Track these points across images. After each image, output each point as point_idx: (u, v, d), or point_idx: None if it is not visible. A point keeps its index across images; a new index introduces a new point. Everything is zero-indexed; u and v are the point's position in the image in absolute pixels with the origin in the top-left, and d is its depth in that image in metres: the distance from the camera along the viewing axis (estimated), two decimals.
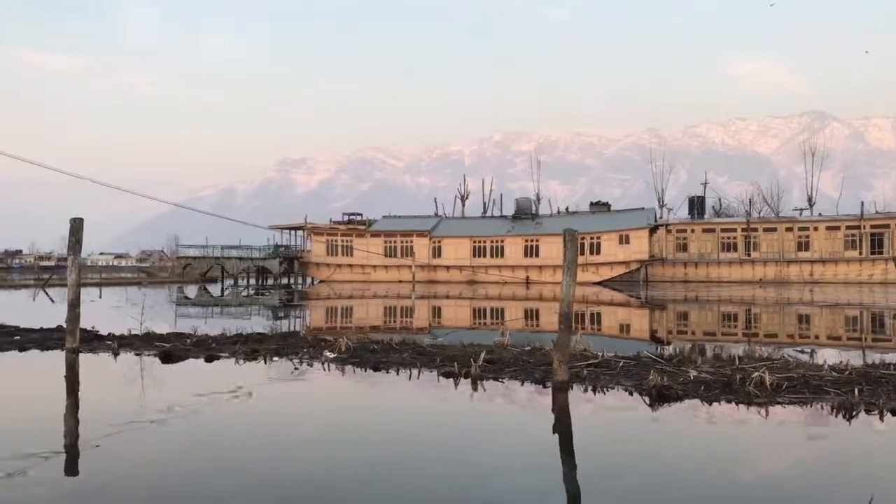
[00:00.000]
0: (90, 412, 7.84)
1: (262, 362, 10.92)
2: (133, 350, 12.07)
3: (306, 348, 11.75)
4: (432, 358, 10.36)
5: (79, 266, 12.28)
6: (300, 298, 40.79)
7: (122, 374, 10.13)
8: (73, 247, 12.27)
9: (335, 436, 6.87)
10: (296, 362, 10.79)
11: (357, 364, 10.41)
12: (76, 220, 12.40)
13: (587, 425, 7.18)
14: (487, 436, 6.83)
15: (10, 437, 6.66)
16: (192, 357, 11.32)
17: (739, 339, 17.13)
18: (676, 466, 5.84)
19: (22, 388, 9.68)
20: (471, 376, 9.16)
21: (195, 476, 5.54)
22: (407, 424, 7.31)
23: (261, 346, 11.86)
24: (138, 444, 6.41)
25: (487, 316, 26.43)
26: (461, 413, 7.78)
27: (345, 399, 8.66)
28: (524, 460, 5.94)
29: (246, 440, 6.63)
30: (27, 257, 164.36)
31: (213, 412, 7.85)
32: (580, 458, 5.99)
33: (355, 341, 11.56)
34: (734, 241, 66.03)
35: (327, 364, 10.52)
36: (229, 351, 11.68)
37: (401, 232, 64.82)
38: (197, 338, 12.65)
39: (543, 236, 61.12)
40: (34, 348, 12.55)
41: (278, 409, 8.07)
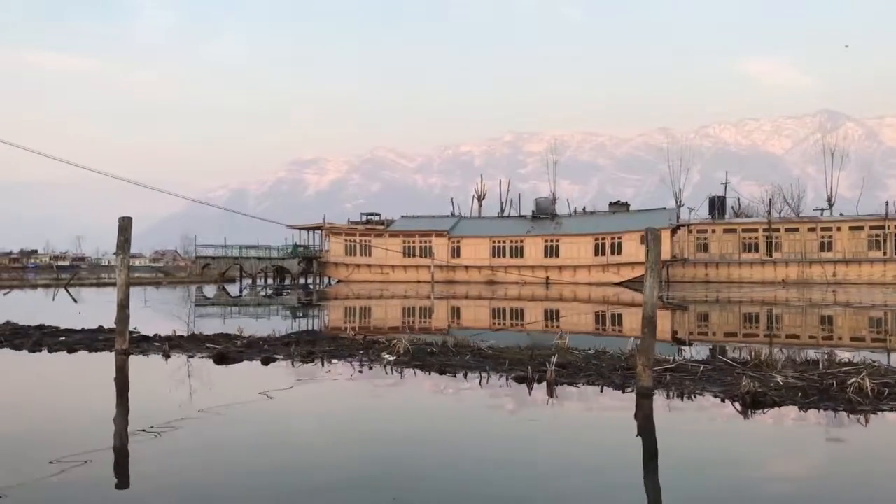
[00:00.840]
0: (160, 416, 7.56)
1: (320, 364, 10.62)
2: (184, 352, 11.81)
3: (361, 350, 11.46)
4: (499, 361, 10.02)
5: (128, 266, 12.03)
6: (319, 298, 40.61)
7: (182, 375, 9.84)
8: (121, 245, 12.02)
9: (420, 442, 6.57)
10: (355, 365, 10.49)
11: (420, 367, 10.09)
12: (125, 219, 12.16)
13: (678, 433, 6.85)
14: (571, 444, 6.53)
15: (72, 443, 6.39)
16: (247, 359, 11.03)
17: (783, 341, 16.72)
18: (788, 481, 5.49)
19: (80, 391, 9.41)
20: (545, 381, 8.82)
21: (281, 481, 5.27)
22: (488, 432, 7.01)
23: (315, 348, 11.56)
24: (210, 447, 6.12)
25: (509, 316, 26.05)
26: (541, 421, 7.44)
27: (422, 405, 8.33)
28: (613, 475, 5.62)
29: (336, 448, 6.34)
30: (42, 257, 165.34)
31: (291, 415, 7.57)
32: (673, 471, 5.68)
33: (412, 343, 11.23)
34: (755, 242, 65.43)
35: (389, 367, 10.21)
36: (283, 353, 11.39)
37: (419, 232, 64.50)
38: (247, 339, 12.37)
39: (564, 236, 60.66)
40: (83, 349, 12.32)
41: (359, 414, 7.78)
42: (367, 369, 10.22)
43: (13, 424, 7.32)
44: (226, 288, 54.79)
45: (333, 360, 10.87)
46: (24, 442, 6.56)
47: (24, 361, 11.61)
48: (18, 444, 6.50)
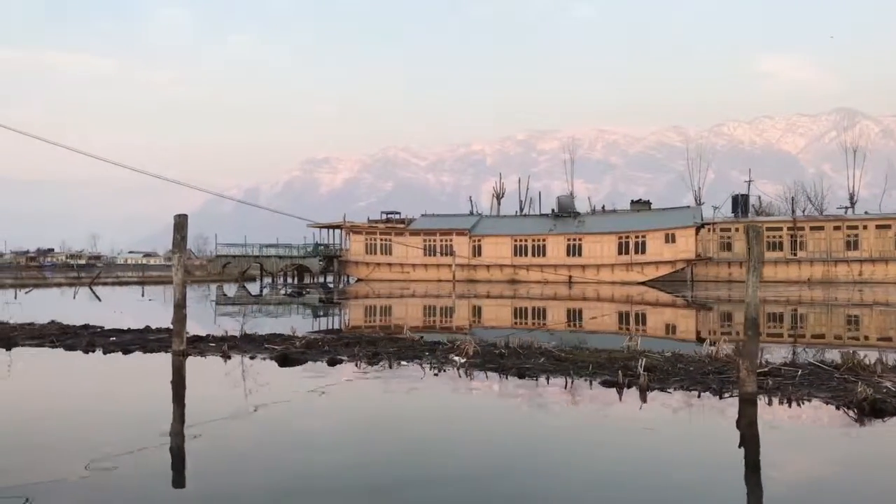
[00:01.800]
0: (239, 423, 7.22)
1: (388, 367, 10.26)
2: (242, 353, 11.48)
3: (427, 351, 11.09)
4: (577, 365, 9.62)
5: (184, 264, 11.72)
6: (340, 297, 40.38)
7: (249, 378, 9.49)
8: (178, 244, 11.72)
9: (524, 453, 6.18)
10: (425, 367, 10.12)
11: (495, 370, 9.70)
12: (181, 217, 11.85)
13: (790, 443, 6.44)
14: (676, 456, 6.15)
15: (130, 446, 6.05)
16: (311, 360, 10.69)
17: (831, 342, 16.20)
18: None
19: (141, 392, 9.04)
20: (638, 387, 8.41)
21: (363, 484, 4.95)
22: (587, 441, 6.64)
23: (378, 349, 11.21)
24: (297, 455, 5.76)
25: (538, 316, 25.55)
26: (641, 430, 7.04)
27: (512, 410, 7.92)
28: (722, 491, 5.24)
29: (435, 458, 5.97)
30: (58, 256, 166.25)
31: (378, 420, 7.21)
32: (785, 487, 5.28)
33: (481, 345, 10.85)
34: (780, 241, 64.64)
35: (462, 370, 9.83)
36: (347, 354, 11.04)
37: (440, 230, 64.12)
38: (305, 340, 12.02)
39: (587, 235, 60.12)
40: (137, 350, 12.01)
41: (451, 422, 7.40)
42: (437, 371, 9.85)
43: (74, 424, 7.03)
44: (246, 287, 54.66)
45: (402, 361, 10.50)
46: (84, 442, 6.31)
47: (80, 362, 11.31)
48: (80, 444, 6.26)
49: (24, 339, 13.04)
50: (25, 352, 12.20)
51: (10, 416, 7.56)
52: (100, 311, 24.93)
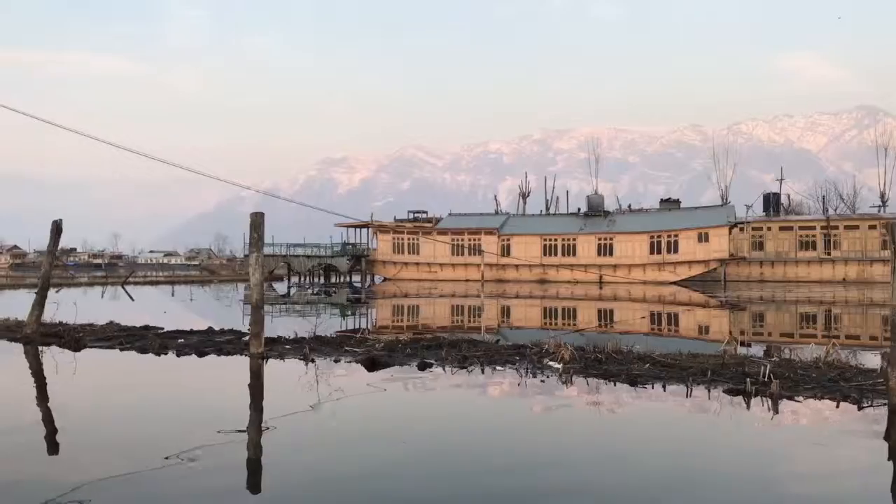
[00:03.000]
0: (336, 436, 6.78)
1: (480, 371, 9.81)
2: (322, 355, 11.06)
3: (516, 356, 10.63)
4: (691, 371, 9.10)
5: (262, 263, 11.34)
6: (368, 297, 40.09)
7: (340, 384, 9.06)
8: (255, 243, 11.34)
9: (671, 473, 5.71)
10: (521, 372, 9.66)
11: (600, 376, 9.21)
12: (257, 215, 11.49)
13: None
14: (826, 470, 5.68)
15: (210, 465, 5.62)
16: (398, 364, 10.25)
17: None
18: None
19: (229, 397, 8.63)
20: (768, 395, 7.89)
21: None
22: (739, 455, 6.16)
23: (466, 353, 10.76)
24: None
25: (564, 317, 24.93)
26: (779, 442, 6.54)
27: (639, 422, 7.43)
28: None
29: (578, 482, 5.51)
30: (81, 255, 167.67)
31: (493, 434, 6.76)
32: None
33: (575, 349, 10.36)
34: (813, 240, 63.57)
35: (563, 376, 9.35)
36: (434, 357, 10.60)
37: (468, 230, 63.62)
38: (384, 342, 11.59)
39: (618, 234, 59.41)
40: (212, 353, 11.63)
41: (576, 436, 6.92)
42: (533, 377, 9.37)
43: (155, 429, 6.63)
44: (273, 286, 54.54)
45: (496, 367, 10.04)
46: (168, 447, 5.95)
47: (156, 365, 10.95)
48: (160, 450, 5.88)
49: (92, 340, 12.71)
50: (96, 354, 11.87)
51: (102, 416, 7.20)
52: (142, 311, 24.67)
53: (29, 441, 6.43)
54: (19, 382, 9.69)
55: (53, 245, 13.83)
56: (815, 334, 18.56)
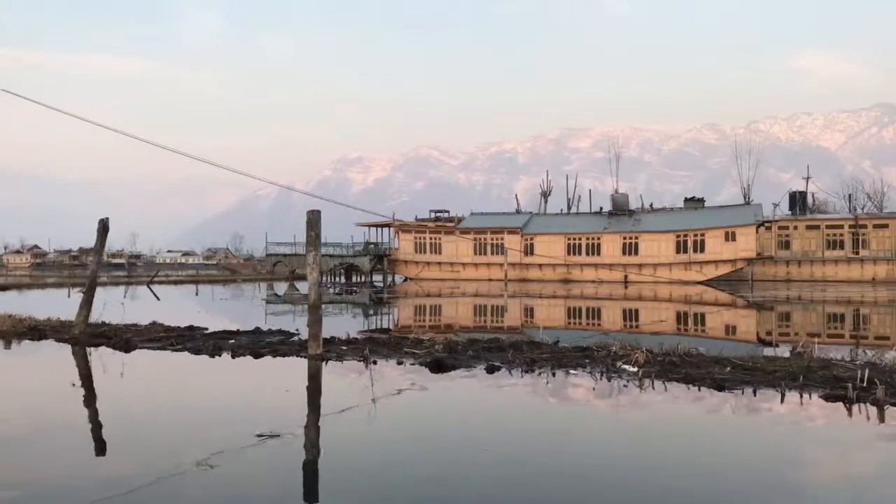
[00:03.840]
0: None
1: (551, 374, 9.44)
2: (382, 357, 10.74)
3: (585, 359, 10.26)
4: (778, 375, 8.70)
5: (319, 263, 11.04)
6: (390, 296, 39.86)
7: (413, 390, 8.74)
8: (312, 241, 11.04)
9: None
10: (596, 376, 9.29)
11: (681, 381, 8.82)
12: (314, 213, 11.19)
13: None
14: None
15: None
16: (464, 367, 9.91)
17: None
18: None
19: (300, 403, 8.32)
20: (872, 402, 7.48)
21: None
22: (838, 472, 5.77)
23: (532, 355, 10.40)
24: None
25: (590, 317, 24.43)
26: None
27: (735, 432, 7.06)
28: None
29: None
30: None
31: (586, 445, 6.39)
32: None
33: (652, 352, 9.97)
34: (840, 239, 62.61)
35: (643, 380, 8.97)
36: (498, 359, 10.25)
37: (491, 229, 63.16)
38: (443, 343, 11.25)
39: (643, 233, 58.76)
40: (268, 354, 11.34)
41: (675, 446, 6.55)
42: (608, 381, 9.00)
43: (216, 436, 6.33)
44: (295, 285, 54.44)
45: (568, 370, 9.67)
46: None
47: (214, 366, 10.67)
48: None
49: (142, 341, 12.47)
50: (149, 355, 11.61)
51: (169, 419, 6.91)
52: (174, 311, 24.48)
53: (89, 443, 6.16)
54: (78, 384, 9.44)
55: (100, 244, 13.61)
56: (867, 335, 18.03)
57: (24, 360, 11.98)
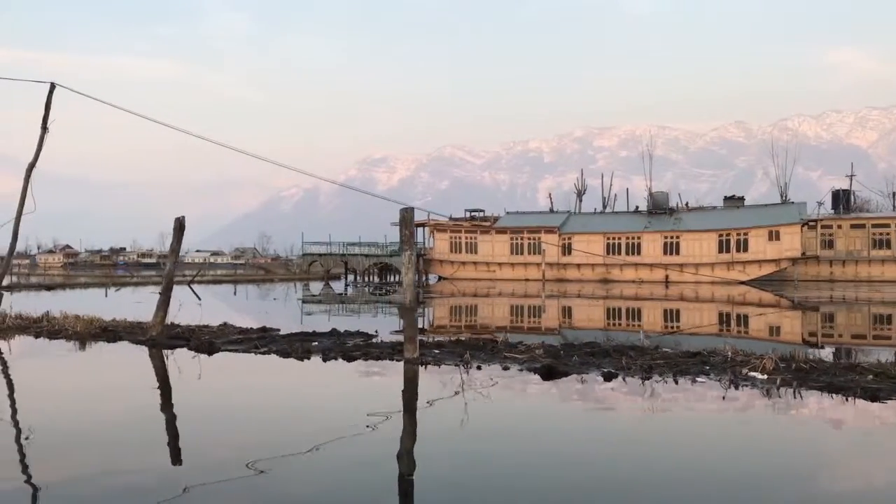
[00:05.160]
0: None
1: (672, 381, 8.85)
2: (482, 362, 10.21)
3: (704, 364, 9.64)
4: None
5: (415, 262, 10.54)
6: (425, 296, 39.47)
7: (529, 401, 8.19)
8: (407, 240, 10.56)
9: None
10: (724, 383, 8.67)
11: (825, 389, 8.18)
12: (408, 210, 10.70)
13: None
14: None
15: None
16: (575, 373, 9.35)
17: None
18: None
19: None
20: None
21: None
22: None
23: (644, 361, 9.81)
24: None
25: (629, 318, 23.71)
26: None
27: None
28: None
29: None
30: (130, 254, 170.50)
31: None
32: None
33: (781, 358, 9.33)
34: (887, 238, 61.05)
35: (780, 388, 8.34)
36: (609, 365, 9.68)
37: (528, 228, 62.44)
38: (544, 348, 10.70)
39: (684, 232, 57.74)
40: (360, 358, 10.85)
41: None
42: (736, 389, 8.39)
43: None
44: (330, 284, 54.29)
45: (695, 377, 9.06)
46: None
47: (306, 371, 10.22)
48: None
49: (224, 343, 12.06)
50: (235, 358, 11.18)
51: (278, 428, 6.43)
52: (224, 311, 24.19)
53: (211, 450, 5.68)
54: (168, 389, 9.03)
55: (177, 243, 13.25)
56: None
57: (113, 362, 11.56)
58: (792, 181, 72.63)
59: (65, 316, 15.55)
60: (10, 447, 6.04)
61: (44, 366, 11.22)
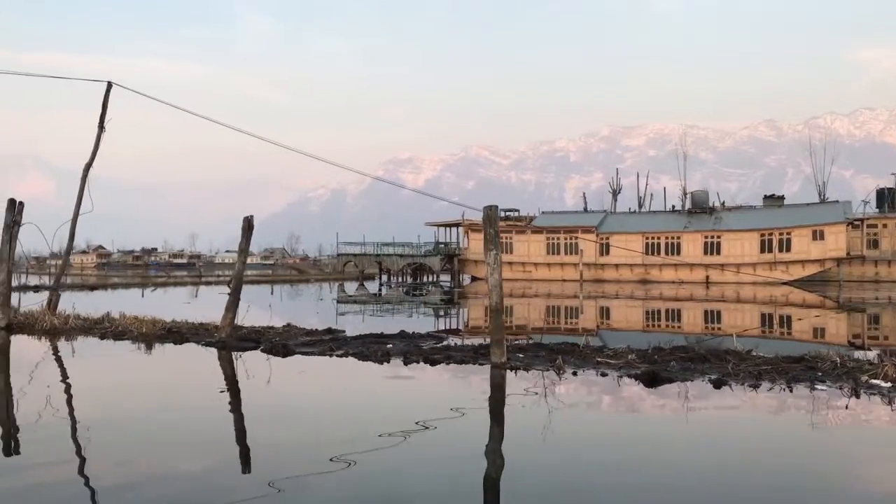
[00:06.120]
0: None
1: (788, 390, 8.31)
2: (573, 367, 9.74)
3: (814, 370, 9.08)
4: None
5: (500, 263, 10.11)
6: (460, 296, 39.07)
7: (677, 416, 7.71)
8: (491, 239, 10.14)
9: None
10: (845, 391, 8.11)
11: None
12: (492, 209, 10.30)
13: None
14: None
15: None
16: (679, 380, 8.84)
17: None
18: None
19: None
20: None
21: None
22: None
23: (747, 367, 9.27)
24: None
25: (669, 319, 22.94)
26: None
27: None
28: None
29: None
30: (161, 255, 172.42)
31: None
32: None
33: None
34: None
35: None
36: (712, 371, 9.15)
37: (564, 228, 61.70)
38: (637, 353, 10.19)
39: (725, 232, 56.67)
40: (442, 362, 10.43)
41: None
42: (857, 398, 7.83)
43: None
44: (364, 285, 54.13)
45: (814, 385, 8.50)
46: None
47: (390, 374, 9.81)
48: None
49: (298, 346, 11.73)
50: (312, 361, 10.82)
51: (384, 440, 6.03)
52: (275, 311, 23.94)
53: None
54: (255, 390, 8.67)
55: (245, 243, 12.99)
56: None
57: (189, 364, 11.26)
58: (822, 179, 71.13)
59: (123, 317, 15.35)
60: (118, 446, 6.09)
61: (123, 367, 10.99)
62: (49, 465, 5.45)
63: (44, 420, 6.98)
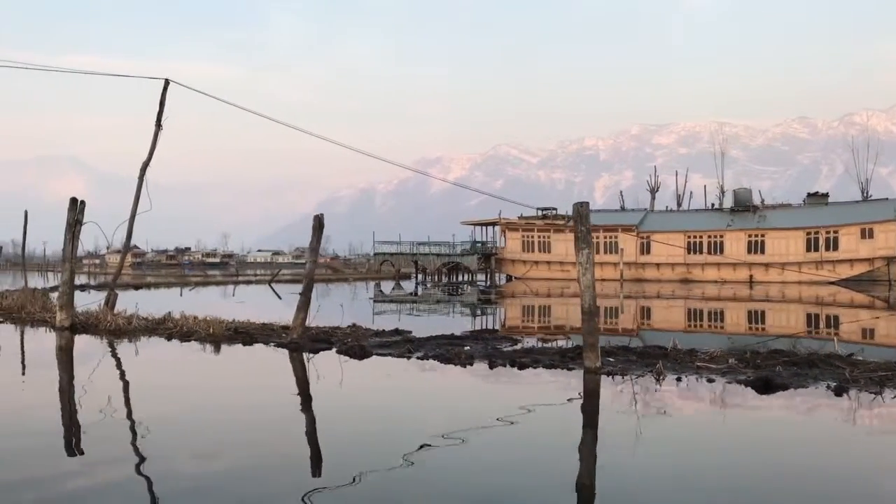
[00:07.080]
0: None
1: (878, 398, 7.77)
2: (668, 371, 9.24)
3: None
4: None
5: (592, 262, 9.64)
6: (497, 296, 38.59)
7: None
8: (584, 237, 9.66)
9: None
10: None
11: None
12: (583, 205, 9.80)
13: None
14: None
15: None
16: (793, 386, 8.29)
17: None
18: None
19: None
20: None
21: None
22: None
23: (869, 372, 8.71)
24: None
25: (714, 319, 22.14)
26: None
27: None
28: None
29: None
30: (195, 254, 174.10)
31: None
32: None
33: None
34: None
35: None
36: (836, 377, 8.60)
37: (604, 227, 60.68)
38: (736, 356, 9.66)
39: (769, 230, 55.45)
40: (530, 366, 9.98)
41: None
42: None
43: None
44: (400, 284, 53.89)
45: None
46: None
47: (479, 378, 9.41)
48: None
49: (375, 347, 11.37)
50: (392, 363, 10.45)
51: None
52: (324, 310, 23.66)
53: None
54: (341, 391, 8.31)
55: (316, 241, 12.66)
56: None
57: (265, 365, 10.94)
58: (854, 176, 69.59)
59: (184, 317, 15.13)
60: (217, 444, 6.18)
61: (202, 369, 10.77)
62: (156, 460, 5.54)
63: (145, 423, 6.78)
